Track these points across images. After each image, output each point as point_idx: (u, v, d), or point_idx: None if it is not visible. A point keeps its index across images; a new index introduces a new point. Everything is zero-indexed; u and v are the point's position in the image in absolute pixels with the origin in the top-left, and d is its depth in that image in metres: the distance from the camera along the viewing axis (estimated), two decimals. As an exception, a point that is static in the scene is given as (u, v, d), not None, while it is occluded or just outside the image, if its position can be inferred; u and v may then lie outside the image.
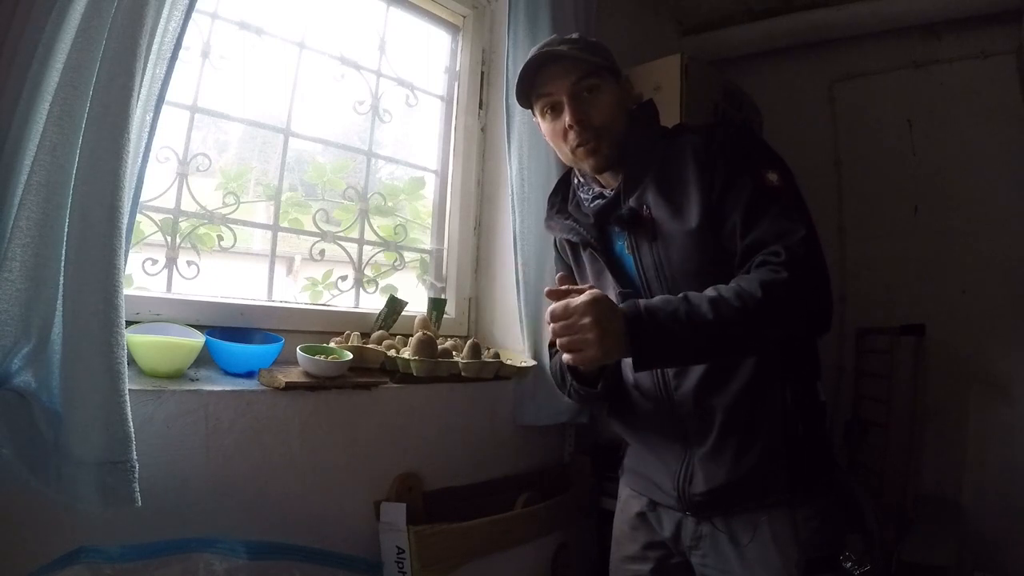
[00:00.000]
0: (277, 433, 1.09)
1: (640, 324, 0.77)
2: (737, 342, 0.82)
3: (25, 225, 0.80)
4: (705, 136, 0.94)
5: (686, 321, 0.78)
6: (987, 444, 1.93)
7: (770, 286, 0.78)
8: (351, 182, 1.57)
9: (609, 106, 0.96)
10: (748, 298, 0.78)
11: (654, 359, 0.82)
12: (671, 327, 0.78)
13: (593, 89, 0.95)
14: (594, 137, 0.95)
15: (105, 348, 0.81)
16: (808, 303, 0.83)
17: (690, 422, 0.94)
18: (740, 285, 0.80)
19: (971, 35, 2.02)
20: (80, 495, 0.79)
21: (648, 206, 0.94)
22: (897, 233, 2.15)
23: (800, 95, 2.35)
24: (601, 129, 0.95)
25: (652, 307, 0.79)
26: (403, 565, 1.17)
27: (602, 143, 0.96)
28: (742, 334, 0.80)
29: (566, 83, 0.95)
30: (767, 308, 0.78)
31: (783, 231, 0.83)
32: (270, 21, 1.38)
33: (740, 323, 0.78)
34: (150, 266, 1.20)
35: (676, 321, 0.78)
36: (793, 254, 0.81)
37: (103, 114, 0.83)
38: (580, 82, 0.95)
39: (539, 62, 0.96)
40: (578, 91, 0.95)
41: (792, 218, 0.85)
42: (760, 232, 0.85)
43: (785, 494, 0.90)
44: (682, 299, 0.80)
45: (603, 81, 0.96)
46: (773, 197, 0.87)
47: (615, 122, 0.97)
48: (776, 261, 0.81)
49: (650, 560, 1.04)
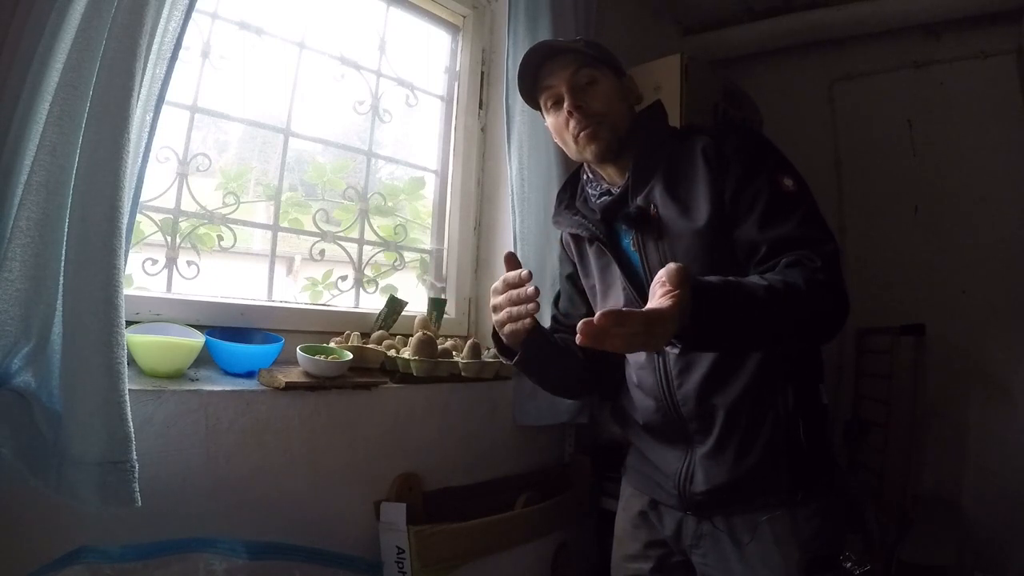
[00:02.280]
0: (277, 433, 1.09)
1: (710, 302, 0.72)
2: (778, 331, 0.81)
3: (25, 225, 0.80)
4: (717, 137, 0.94)
5: (745, 303, 0.75)
6: (987, 444, 1.93)
7: (812, 284, 0.79)
8: (351, 182, 1.57)
9: (607, 95, 0.97)
10: (795, 291, 0.78)
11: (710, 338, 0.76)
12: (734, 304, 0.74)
13: (592, 80, 0.97)
14: (593, 123, 0.96)
15: (105, 348, 0.81)
16: (837, 310, 0.83)
17: (692, 421, 0.94)
18: (785, 279, 0.79)
19: (971, 35, 2.02)
20: (80, 495, 0.79)
21: (656, 205, 0.94)
22: (897, 233, 2.15)
23: (800, 95, 2.35)
24: (601, 115, 0.96)
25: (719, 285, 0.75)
26: (403, 565, 1.17)
27: (601, 128, 0.96)
28: (784, 325, 0.80)
29: (565, 73, 0.97)
30: (809, 305, 0.78)
31: (813, 238, 0.84)
32: (270, 21, 1.38)
33: (786, 314, 0.78)
34: (150, 266, 1.20)
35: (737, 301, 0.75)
36: (828, 262, 0.81)
37: (103, 114, 0.83)
38: (578, 72, 0.97)
39: (540, 57, 0.98)
40: (577, 80, 0.97)
41: (819, 226, 0.86)
42: (787, 231, 0.85)
43: (786, 494, 0.90)
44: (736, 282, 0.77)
45: (601, 74, 0.98)
46: (793, 202, 0.87)
47: (614, 111, 0.97)
48: (812, 266, 0.81)
49: (651, 559, 1.04)
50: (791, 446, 0.90)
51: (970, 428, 1.97)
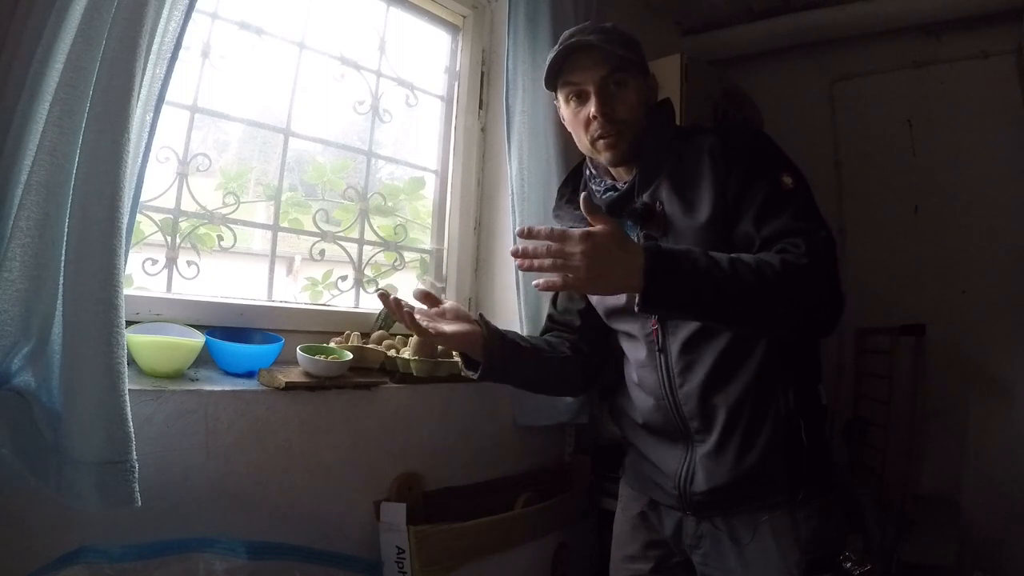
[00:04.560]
0: (277, 433, 1.09)
1: (659, 260, 0.75)
2: (746, 308, 0.80)
3: (25, 225, 0.80)
4: (722, 137, 0.95)
5: (704, 269, 0.77)
6: (987, 444, 1.93)
7: (790, 265, 0.80)
8: (351, 182, 1.57)
9: (634, 102, 0.97)
10: (768, 268, 0.79)
11: (662, 300, 0.78)
12: (689, 269, 0.76)
13: (621, 83, 0.96)
14: (616, 131, 0.96)
15: (105, 348, 0.81)
16: (820, 295, 0.83)
17: (693, 420, 0.94)
18: (761, 257, 0.81)
19: (971, 35, 2.02)
20: (80, 495, 0.79)
21: (661, 202, 0.95)
22: (897, 233, 2.15)
23: (800, 95, 2.35)
24: (624, 123, 0.96)
25: (673, 248, 0.78)
26: (403, 565, 1.17)
27: (623, 138, 0.96)
28: (756, 301, 0.79)
29: (595, 74, 0.95)
30: (782, 284, 0.78)
31: (803, 228, 0.85)
32: (270, 21, 1.37)
33: (756, 290, 0.78)
34: (150, 266, 1.19)
35: (695, 265, 0.76)
36: (813, 247, 0.82)
37: (103, 114, 0.83)
38: (610, 75, 0.95)
39: (570, 49, 0.96)
40: (606, 84, 0.95)
41: (811, 218, 0.88)
42: (779, 225, 0.86)
43: (785, 495, 0.91)
44: (702, 251, 0.79)
45: (631, 76, 0.97)
46: (789, 198, 0.88)
47: (636, 116, 0.97)
48: (797, 251, 0.82)
49: (651, 559, 1.04)
50: (791, 446, 0.90)
51: (970, 428, 1.97)
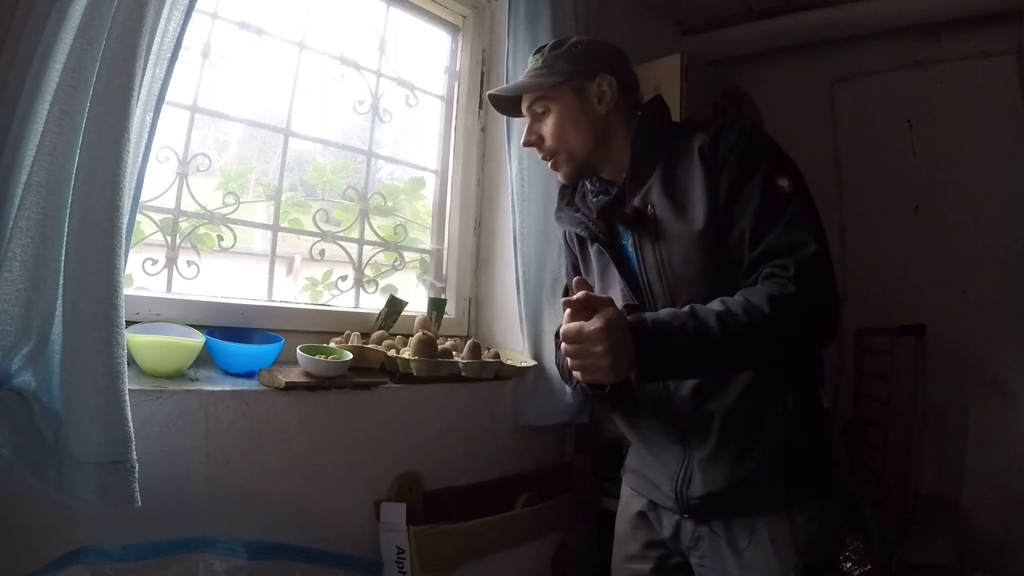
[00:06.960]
0: (277, 433, 1.09)
1: (648, 343, 0.77)
2: (743, 357, 0.83)
3: (25, 225, 0.80)
4: (713, 135, 0.91)
5: (693, 337, 0.77)
6: (987, 444, 1.93)
7: (778, 301, 0.78)
8: (351, 182, 1.57)
9: (558, 127, 0.99)
10: (756, 313, 0.77)
11: (660, 374, 0.86)
12: (679, 344, 0.77)
13: (544, 111, 1.01)
14: (550, 156, 1.02)
15: (105, 348, 0.81)
16: (815, 320, 0.82)
17: (689, 425, 0.94)
18: (748, 299, 0.79)
19: (971, 35, 2.02)
20: (80, 495, 0.79)
21: (652, 205, 0.93)
22: (897, 233, 2.15)
23: (800, 95, 2.35)
24: (552, 149, 1.01)
25: (660, 323, 0.79)
26: (403, 565, 1.17)
27: (558, 160, 1.01)
28: (749, 350, 0.80)
29: (524, 106, 1.03)
30: (775, 324, 0.78)
31: (793, 243, 0.82)
32: (270, 21, 1.38)
33: (747, 338, 0.78)
34: (150, 266, 1.20)
35: (684, 337, 0.77)
36: (802, 269, 0.80)
37: (103, 114, 0.83)
38: (531, 107, 1.02)
39: (491, 102, 1.08)
40: (532, 115, 1.02)
41: (803, 228, 0.83)
42: (769, 243, 0.83)
43: (783, 499, 0.90)
44: (689, 314, 0.79)
45: (552, 102, 0.99)
46: (783, 205, 0.85)
47: (567, 140, 0.99)
48: (785, 276, 0.80)
49: (651, 559, 1.04)
50: (790, 452, 0.89)
51: (970, 428, 1.97)
